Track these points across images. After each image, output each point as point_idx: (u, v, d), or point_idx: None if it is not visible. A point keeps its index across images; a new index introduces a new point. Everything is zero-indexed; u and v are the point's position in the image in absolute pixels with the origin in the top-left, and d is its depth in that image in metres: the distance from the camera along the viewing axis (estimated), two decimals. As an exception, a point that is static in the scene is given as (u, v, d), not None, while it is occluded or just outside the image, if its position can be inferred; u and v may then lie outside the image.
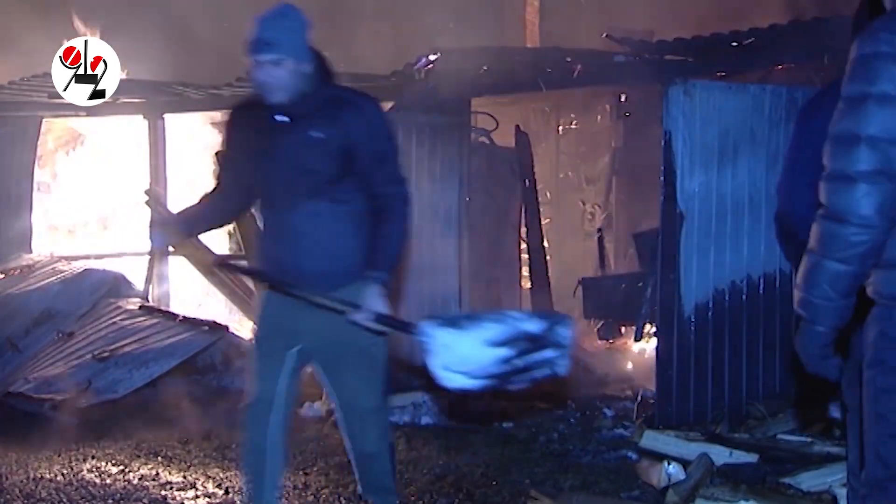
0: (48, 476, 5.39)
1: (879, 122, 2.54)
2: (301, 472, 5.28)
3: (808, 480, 4.69)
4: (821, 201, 2.61)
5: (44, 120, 9.06)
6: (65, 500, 4.99)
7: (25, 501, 4.98)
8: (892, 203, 2.53)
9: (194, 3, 11.43)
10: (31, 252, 8.72)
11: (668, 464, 4.89)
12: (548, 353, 3.44)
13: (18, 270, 8.20)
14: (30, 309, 7.63)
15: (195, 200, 4.12)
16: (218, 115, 9.57)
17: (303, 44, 3.59)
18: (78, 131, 9.97)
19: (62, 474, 5.42)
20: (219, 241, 9.06)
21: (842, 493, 4.46)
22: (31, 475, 5.41)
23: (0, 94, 8.94)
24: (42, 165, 9.42)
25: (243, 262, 7.01)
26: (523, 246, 8.41)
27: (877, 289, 2.62)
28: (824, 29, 6.55)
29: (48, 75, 8.75)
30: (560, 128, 11.02)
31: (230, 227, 7.03)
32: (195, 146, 10.03)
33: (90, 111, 9.14)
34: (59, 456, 5.74)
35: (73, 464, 5.60)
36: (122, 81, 9.08)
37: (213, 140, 9.45)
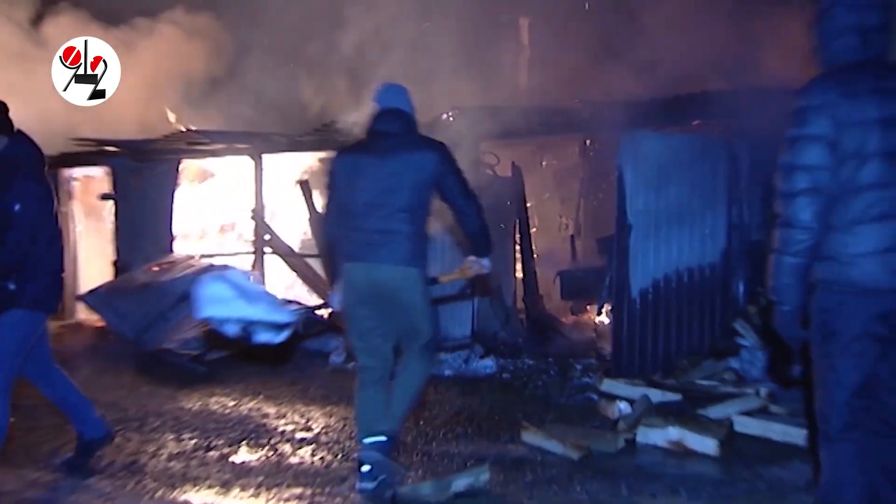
0: (188, 406, 5.52)
1: (807, 154, 2.59)
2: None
3: (715, 412, 4.70)
4: (777, 213, 2.64)
5: (182, 161, 9.12)
6: (199, 422, 5.09)
7: (174, 422, 5.11)
8: (822, 213, 2.57)
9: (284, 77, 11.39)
10: (172, 252, 8.80)
11: (620, 402, 4.91)
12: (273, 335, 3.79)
13: (166, 265, 8.26)
14: (174, 291, 7.63)
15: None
16: (301, 156, 9.69)
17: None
18: (204, 168, 10.04)
19: (197, 405, 5.53)
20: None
21: (738, 419, 4.50)
22: (177, 405, 5.56)
23: (155, 145, 9.08)
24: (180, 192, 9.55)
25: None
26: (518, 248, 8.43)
27: (816, 276, 2.63)
28: (726, 97, 6.56)
29: (184, 131, 8.83)
30: (543, 163, 10.99)
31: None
32: (284, 178, 10.14)
33: (213, 153, 9.24)
34: (195, 393, 5.86)
35: (204, 398, 5.70)
36: (235, 133, 9.15)
37: (297, 173, 9.54)
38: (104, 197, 9.47)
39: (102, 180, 9.66)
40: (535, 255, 7.86)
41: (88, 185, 10.09)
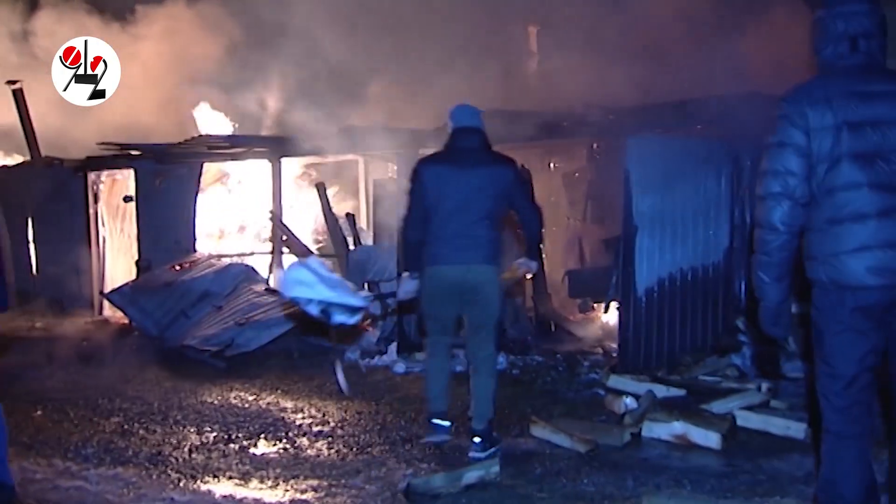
0: (209, 400, 5.57)
1: (780, 161, 2.65)
2: (374, 402, 5.33)
3: (718, 406, 4.69)
4: (755, 215, 2.73)
5: (204, 164, 9.15)
6: (219, 416, 5.14)
7: (196, 416, 5.16)
8: (791, 215, 2.62)
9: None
10: (194, 251, 8.85)
11: (626, 397, 4.90)
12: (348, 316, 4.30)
13: (188, 264, 8.31)
14: (195, 289, 7.75)
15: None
16: (315, 159, 9.74)
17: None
18: (224, 171, 10.08)
19: (217, 399, 5.58)
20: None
21: (740, 414, 4.50)
22: (199, 399, 5.61)
23: (176, 149, 9.13)
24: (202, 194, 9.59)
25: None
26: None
27: (807, 274, 2.68)
28: (728, 103, 6.53)
29: (203, 135, 8.89)
30: (551, 166, 10.97)
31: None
32: (301, 181, 10.19)
33: (233, 157, 9.29)
34: (215, 387, 5.90)
35: (224, 393, 5.74)
36: (254, 137, 9.17)
37: (313, 178, 9.59)
38: (128, 199, 9.56)
39: (127, 182, 9.76)
40: (543, 255, 7.87)
41: (113, 187, 10.19)
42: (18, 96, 10.38)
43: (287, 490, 3.78)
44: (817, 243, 2.63)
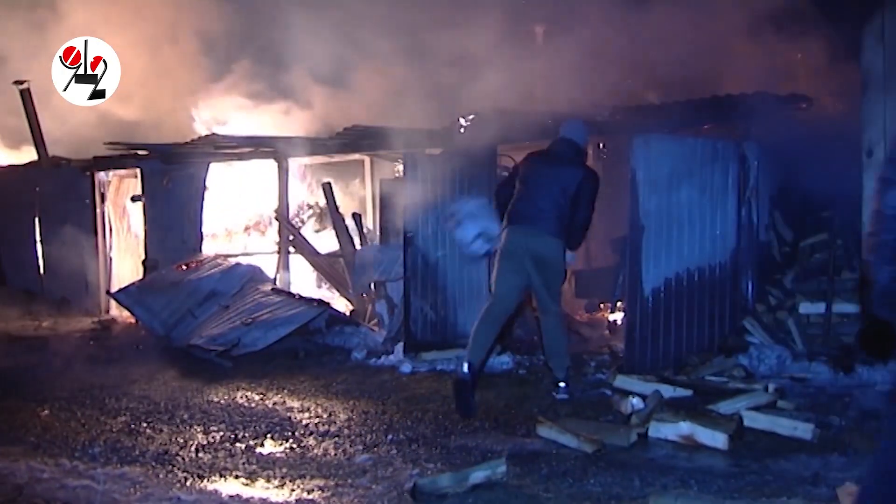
0: (215, 400, 5.57)
1: None
2: (380, 402, 5.34)
3: (725, 407, 4.67)
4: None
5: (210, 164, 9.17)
6: (226, 415, 5.14)
7: (203, 415, 5.16)
8: None
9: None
10: (201, 251, 8.89)
11: (633, 398, 4.87)
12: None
13: (194, 264, 8.34)
14: (201, 289, 7.79)
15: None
16: (321, 159, 9.75)
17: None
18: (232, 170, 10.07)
19: (224, 399, 5.58)
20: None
21: (747, 414, 4.46)
22: (205, 398, 5.61)
23: (183, 149, 9.16)
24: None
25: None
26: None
27: None
28: (735, 102, 6.53)
29: (211, 134, 8.91)
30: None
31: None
32: (308, 180, 10.20)
33: (240, 157, 9.31)
34: (221, 387, 5.91)
35: (231, 392, 5.75)
36: (261, 137, 9.19)
37: (318, 177, 9.59)
38: (135, 199, 9.60)
39: (134, 182, 9.80)
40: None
41: (120, 186, 10.23)
42: (26, 96, 10.43)
43: (293, 490, 3.79)
44: None
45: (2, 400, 5.66)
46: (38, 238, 10.06)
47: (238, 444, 4.52)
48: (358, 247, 8.36)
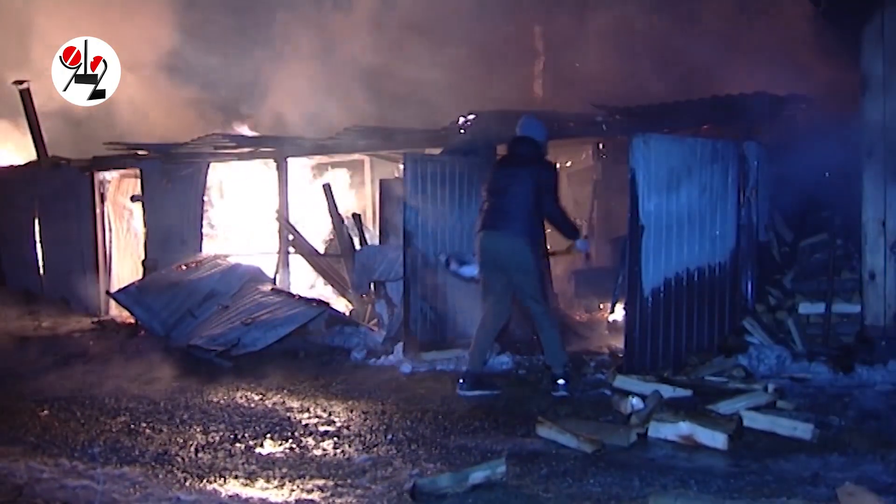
0: (215, 400, 5.57)
1: None
2: (380, 402, 5.34)
3: (724, 407, 4.66)
4: None
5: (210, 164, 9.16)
6: (225, 415, 5.13)
7: (202, 415, 5.16)
8: None
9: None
10: (201, 251, 8.88)
11: (632, 398, 4.86)
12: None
13: (194, 264, 8.33)
14: (201, 289, 7.78)
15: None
16: (322, 159, 9.74)
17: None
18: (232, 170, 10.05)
19: (223, 399, 5.58)
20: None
21: (746, 414, 4.46)
22: (205, 398, 5.61)
23: (185, 148, 9.15)
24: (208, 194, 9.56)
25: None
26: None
27: None
28: (734, 102, 6.53)
29: (211, 135, 8.90)
30: (557, 165, 10.99)
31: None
32: (307, 180, 10.18)
33: (240, 157, 9.30)
34: (221, 387, 5.90)
35: (230, 392, 5.75)
36: (260, 137, 9.18)
37: (321, 178, 9.57)
38: (135, 199, 9.59)
39: (134, 182, 9.79)
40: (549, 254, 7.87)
41: (119, 186, 10.22)
42: (25, 96, 10.43)
43: (293, 490, 3.78)
44: None
45: (2, 400, 5.66)
46: (38, 238, 10.06)
47: (238, 445, 4.51)
48: (358, 247, 8.36)
